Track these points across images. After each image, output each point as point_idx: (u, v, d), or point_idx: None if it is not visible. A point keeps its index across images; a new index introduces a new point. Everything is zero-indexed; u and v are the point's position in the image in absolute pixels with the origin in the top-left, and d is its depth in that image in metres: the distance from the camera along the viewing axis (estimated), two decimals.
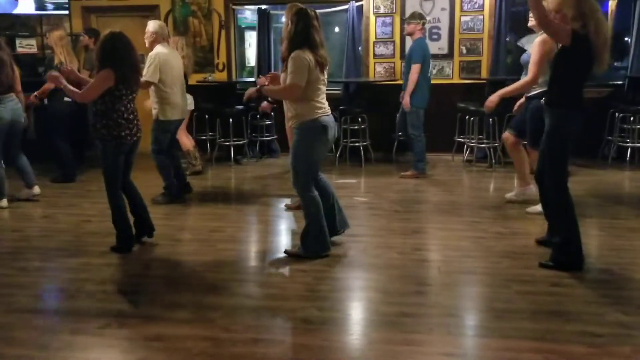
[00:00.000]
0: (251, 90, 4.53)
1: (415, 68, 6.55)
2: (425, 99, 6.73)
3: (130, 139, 4.32)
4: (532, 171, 4.93)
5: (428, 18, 7.70)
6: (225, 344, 3.00)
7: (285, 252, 4.34)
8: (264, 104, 7.56)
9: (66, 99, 6.64)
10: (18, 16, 8.15)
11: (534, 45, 4.81)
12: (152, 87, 5.53)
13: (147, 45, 5.64)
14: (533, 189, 5.19)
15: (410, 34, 6.69)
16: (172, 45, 6.17)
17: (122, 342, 3.08)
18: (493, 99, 4.96)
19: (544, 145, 3.91)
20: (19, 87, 5.79)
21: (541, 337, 3.00)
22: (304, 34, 3.97)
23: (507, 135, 5.44)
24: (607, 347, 2.89)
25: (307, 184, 4.18)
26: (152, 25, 5.69)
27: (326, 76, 4.17)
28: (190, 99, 6.63)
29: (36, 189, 6.00)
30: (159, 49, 5.58)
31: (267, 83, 4.41)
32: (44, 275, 4.03)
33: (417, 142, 6.78)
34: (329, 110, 4.20)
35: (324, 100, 4.16)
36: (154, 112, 5.63)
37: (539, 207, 4.73)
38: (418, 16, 6.69)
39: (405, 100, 6.65)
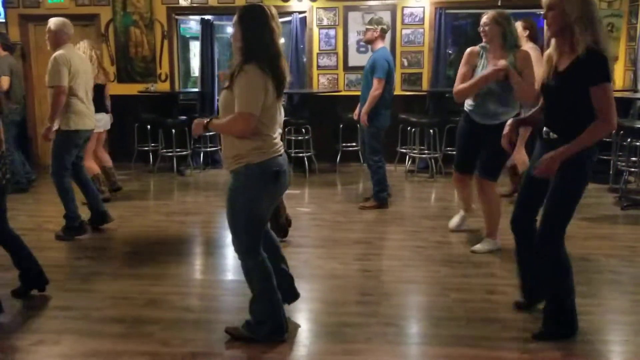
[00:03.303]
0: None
1: (378, 83, 5.56)
2: (388, 118, 5.86)
3: None
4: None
5: None
6: (164, 359, 2.96)
7: (226, 330, 3.18)
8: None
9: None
10: None
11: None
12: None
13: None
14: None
15: (369, 42, 5.76)
16: (82, 50, 5.72)
17: (56, 359, 2.99)
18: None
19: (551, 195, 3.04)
20: None
21: (476, 344, 3.08)
22: None
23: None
24: (539, 353, 2.99)
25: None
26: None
27: None
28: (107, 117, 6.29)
29: None
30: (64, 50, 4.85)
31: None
32: None
33: (378, 169, 5.83)
34: None
35: None
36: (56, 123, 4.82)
37: (486, 246, 4.53)
38: (375, 21, 5.71)
39: (363, 117, 5.70)
